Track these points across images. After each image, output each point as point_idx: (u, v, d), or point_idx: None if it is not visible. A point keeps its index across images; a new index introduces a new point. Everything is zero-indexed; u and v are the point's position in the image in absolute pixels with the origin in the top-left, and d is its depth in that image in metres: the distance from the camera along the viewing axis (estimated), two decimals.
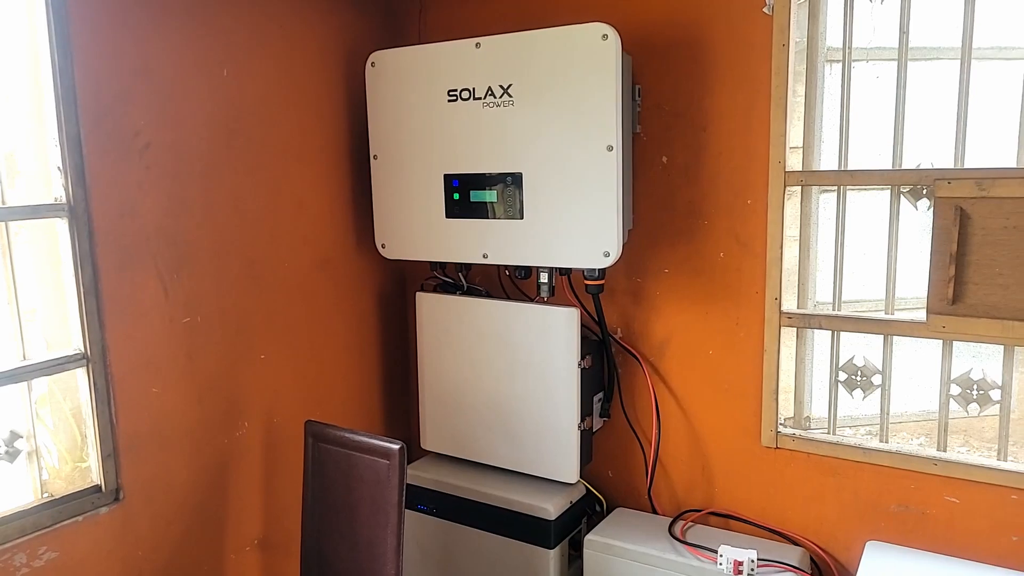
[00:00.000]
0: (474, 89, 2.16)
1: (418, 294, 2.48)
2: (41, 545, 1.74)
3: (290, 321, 2.32)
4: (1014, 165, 1.87)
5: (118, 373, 1.87)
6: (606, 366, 2.40)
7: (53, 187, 1.77)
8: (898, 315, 2.04)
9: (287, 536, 2.34)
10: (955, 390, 2.01)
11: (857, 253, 2.15)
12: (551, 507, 2.23)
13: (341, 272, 2.49)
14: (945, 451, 2.02)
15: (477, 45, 2.14)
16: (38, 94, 1.74)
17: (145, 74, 1.89)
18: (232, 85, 2.11)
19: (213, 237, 2.08)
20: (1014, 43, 1.94)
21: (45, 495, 1.80)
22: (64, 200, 1.76)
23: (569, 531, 2.32)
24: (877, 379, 2.11)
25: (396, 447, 1.86)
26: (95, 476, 1.87)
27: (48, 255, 1.81)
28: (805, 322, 2.14)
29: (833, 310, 2.14)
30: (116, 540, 1.89)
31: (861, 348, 2.13)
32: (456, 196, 2.24)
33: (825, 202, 2.17)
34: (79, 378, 1.84)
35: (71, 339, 1.82)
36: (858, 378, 2.14)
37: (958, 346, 1.99)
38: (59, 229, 1.79)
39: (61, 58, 1.72)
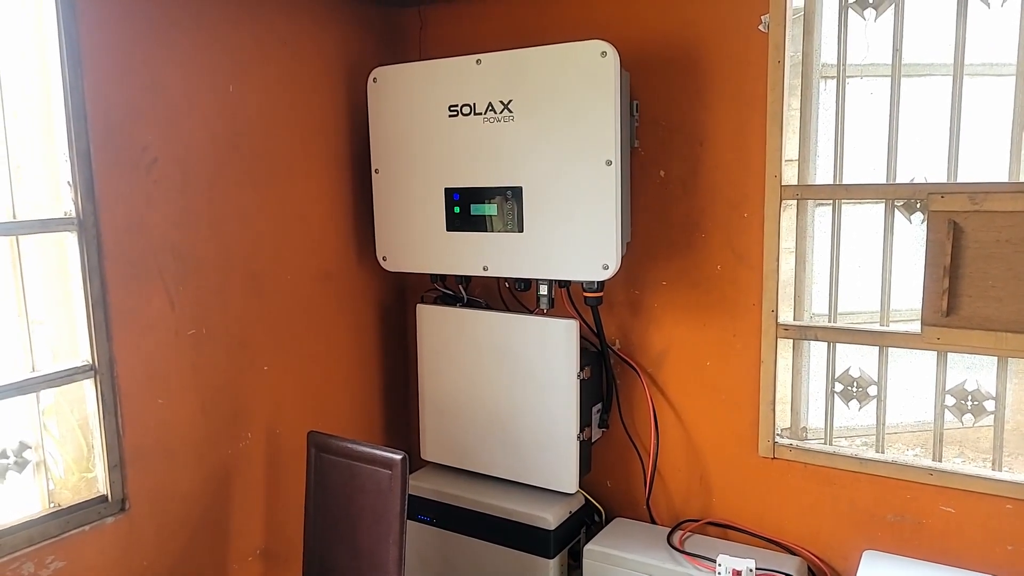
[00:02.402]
0: (475, 104, 2.19)
1: (419, 306, 2.51)
2: (49, 554, 1.76)
3: (293, 333, 2.35)
4: (1006, 180, 1.90)
5: (125, 384, 1.89)
6: (605, 377, 2.43)
7: (63, 201, 1.80)
8: (893, 327, 2.06)
9: (289, 546, 2.36)
10: (950, 401, 2.03)
11: (852, 266, 2.18)
12: (551, 517, 2.25)
13: (343, 284, 2.52)
14: (940, 461, 2.04)
15: (478, 61, 2.17)
16: (48, 110, 1.78)
17: (153, 91, 1.93)
18: (238, 101, 2.15)
19: (218, 250, 2.12)
20: (1005, 60, 1.97)
21: (52, 505, 1.82)
22: (73, 214, 1.80)
23: (568, 541, 2.33)
24: (873, 390, 2.13)
25: (398, 457, 1.89)
26: (101, 486, 1.89)
27: (57, 268, 1.84)
28: (801, 334, 2.16)
29: (829, 322, 2.16)
30: (122, 550, 1.91)
31: (857, 359, 2.16)
32: (457, 209, 2.28)
33: (820, 215, 2.20)
34: (86, 389, 1.87)
35: (79, 351, 1.85)
36: (854, 389, 2.16)
37: (953, 357, 2.02)
38: (68, 242, 1.82)
39: (72, 75, 1.75)
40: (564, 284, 2.36)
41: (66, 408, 1.89)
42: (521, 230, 2.18)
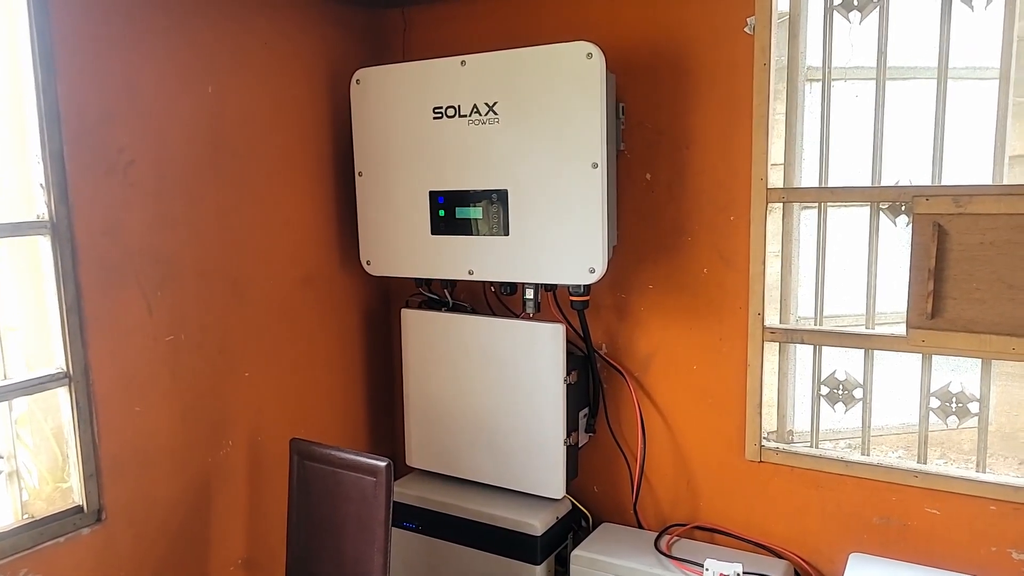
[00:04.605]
0: (459, 106, 2.17)
1: (403, 311, 2.48)
2: (22, 567, 1.72)
3: (274, 339, 2.31)
4: (990, 182, 1.91)
5: (100, 392, 1.85)
6: (591, 381, 2.41)
7: (36, 204, 1.76)
8: (878, 330, 2.07)
9: (272, 556, 2.32)
10: (935, 403, 2.04)
11: (838, 268, 2.18)
12: (537, 523, 2.23)
13: (326, 289, 2.49)
14: (925, 463, 2.05)
15: (463, 63, 2.15)
16: (20, 111, 1.73)
17: (129, 91, 1.89)
18: (216, 102, 2.11)
19: (197, 254, 2.07)
20: (988, 63, 1.98)
21: (26, 516, 1.78)
22: (47, 217, 1.75)
23: (555, 547, 2.32)
24: (858, 393, 2.14)
25: (383, 464, 1.86)
26: (77, 496, 1.84)
27: (30, 273, 1.79)
28: (787, 337, 2.16)
29: (815, 325, 2.16)
30: (98, 561, 1.87)
31: (843, 362, 2.16)
32: (441, 213, 2.25)
33: (806, 218, 2.20)
34: (61, 397, 1.82)
35: (53, 358, 1.80)
36: (840, 392, 2.16)
37: (937, 360, 2.03)
38: (41, 247, 1.77)
39: (44, 76, 1.71)
40: (550, 288, 2.34)
41: (40, 416, 1.84)
42: (507, 233, 2.16)
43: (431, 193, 2.26)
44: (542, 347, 2.23)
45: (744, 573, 2.02)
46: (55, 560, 1.78)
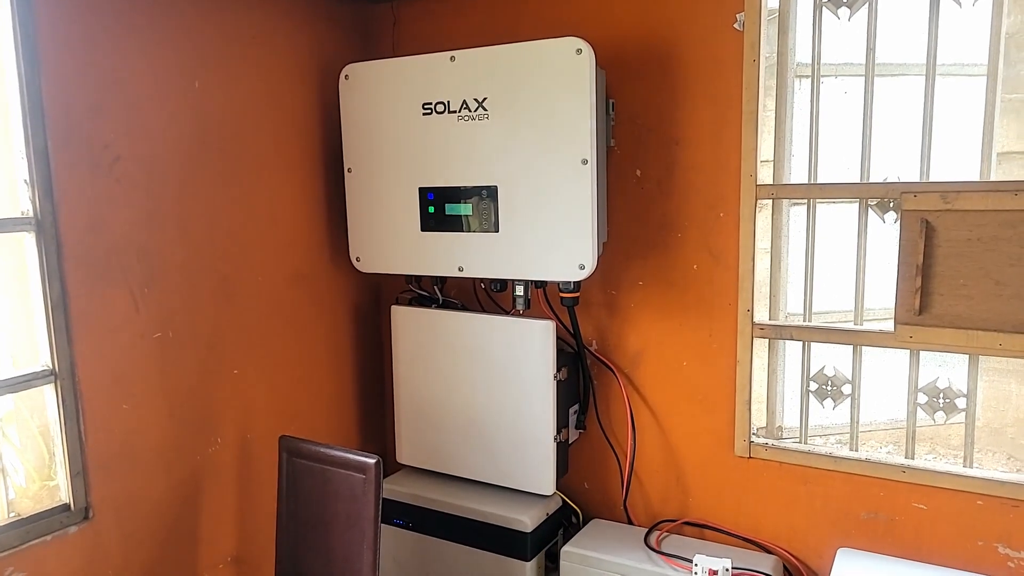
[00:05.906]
0: (449, 102, 2.16)
1: (393, 307, 2.47)
2: (8, 566, 1.70)
3: (264, 336, 2.30)
4: (977, 179, 1.92)
5: (87, 389, 1.83)
6: (581, 378, 2.41)
7: (20, 201, 1.74)
8: (867, 326, 2.08)
9: (261, 553, 2.31)
10: (922, 398, 2.05)
11: (827, 265, 2.19)
12: (528, 519, 2.23)
13: (315, 286, 2.48)
14: (913, 459, 2.06)
15: (452, 59, 2.14)
16: (4, 106, 1.71)
17: (115, 87, 1.87)
18: (204, 98, 2.09)
19: (185, 251, 2.06)
20: (976, 60, 1.99)
21: (12, 515, 1.76)
22: (31, 214, 1.73)
23: (546, 543, 2.32)
24: (847, 388, 2.14)
25: (372, 461, 1.86)
26: (64, 494, 1.83)
27: (14, 270, 1.78)
28: (776, 333, 2.17)
29: (804, 321, 2.17)
30: (86, 559, 1.86)
31: (831, 358, 2.17)
32: (431, 209, 2.24)
33: (795, 215, 2.20)
34: (47, 395, 1.81)
35: (38, 355, 1.79)
36: (828, 388, 2.17)
37: (925, 355, 2.03)
38: (26, 243, 1.75)
39: (28, 71, 1.69)
40: (540, 284, 2.33)
41: (26, 414, 1.83)
42: (497, 230, 2.16)
43: (421, 189, 2.25)
44: (532, 344, 2.23)
45: (733, 568, 2.03)
46: (42, 558, 1.77)
